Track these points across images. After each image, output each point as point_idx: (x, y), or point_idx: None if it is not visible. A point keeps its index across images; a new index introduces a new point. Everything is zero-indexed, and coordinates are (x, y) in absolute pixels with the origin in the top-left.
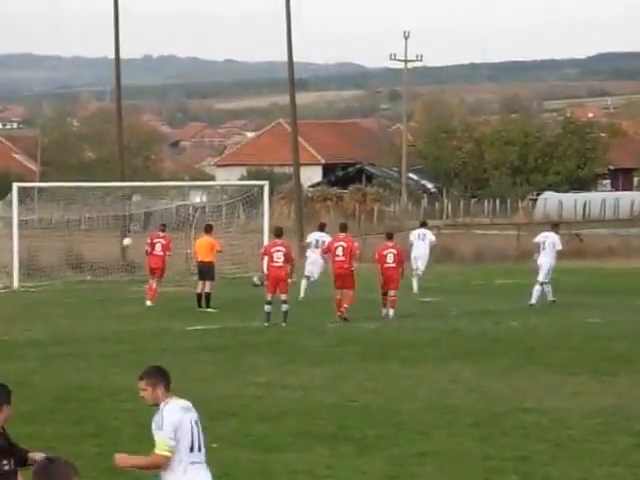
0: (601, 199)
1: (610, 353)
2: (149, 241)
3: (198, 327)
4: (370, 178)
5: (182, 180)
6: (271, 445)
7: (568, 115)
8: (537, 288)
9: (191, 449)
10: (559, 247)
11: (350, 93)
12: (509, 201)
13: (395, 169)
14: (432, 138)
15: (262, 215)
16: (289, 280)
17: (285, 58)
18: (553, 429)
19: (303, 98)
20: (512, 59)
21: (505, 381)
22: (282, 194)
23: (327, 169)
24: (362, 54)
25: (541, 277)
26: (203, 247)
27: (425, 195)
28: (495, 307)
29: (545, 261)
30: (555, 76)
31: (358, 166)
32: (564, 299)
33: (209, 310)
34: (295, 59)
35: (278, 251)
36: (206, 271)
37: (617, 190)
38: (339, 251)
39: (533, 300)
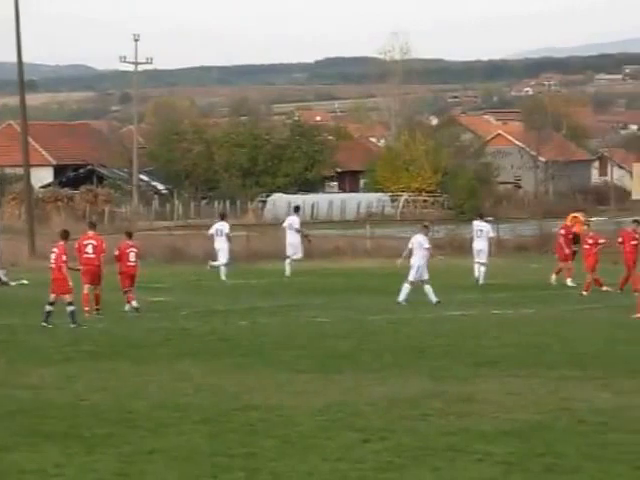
0: (328, 201)
1: (337, 351)
2: None
3: None
4: (101, 179)
5: None
6: None
7: (296, 118)
8: (405, 286)
9: None
10: (426, 245)
11: (81, 95)
12: (239, 202)
13: (126, 170)
14: (163, 140)
15: None
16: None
17: (14, 59)
18: (280, 426)
19: (33, 99)
20: (242, 63)
21: (234, 379)
22: (13, 195)
23: (58, 170)
24: (93, 56)
25: (411, 277)
26: None
27: (156, 196)
28: (224, 307)
29: (415, 261)
30: (284, 80)
31: (89, 167)
32: (293, 299)
33: None
34: (25, 60)
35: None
36: None
37: (344, 192)
38: (89, 249)
39: (400, 298)
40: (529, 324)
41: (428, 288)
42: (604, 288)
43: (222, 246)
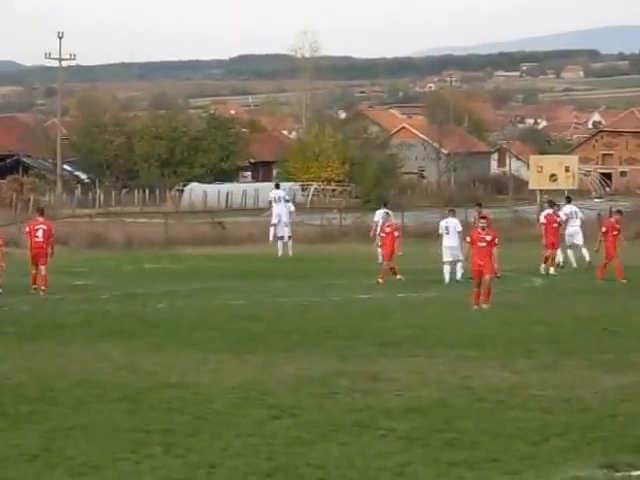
0: (242, 190)
1: (249, 332)
2: None
3: None
4: (27, 169)
5: None
6: None
7: (212, 112)
8: (446, 268)
9: None
10: (459, 229)
11: (8, 89)
12: (158, 191)
13: (50, 161)
14: (85, 132)
15: None
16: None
17: None
18: (196, 403)
19: None
20: (160, 59)
21: (152, 359)
22: None
23: None
24: (20, 52)
25: (447, 257)
26: None
27: (79, 185)
28: (143, 290)
29: (450, 242)
30: (200, 75)
31: (15, 157)
32: (208, 283)
33: None
34: None
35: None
36: None
37: (257, 182)
38: (39, 233)
39: (457, 277)
40: (431, 307)
41: (460, 267)
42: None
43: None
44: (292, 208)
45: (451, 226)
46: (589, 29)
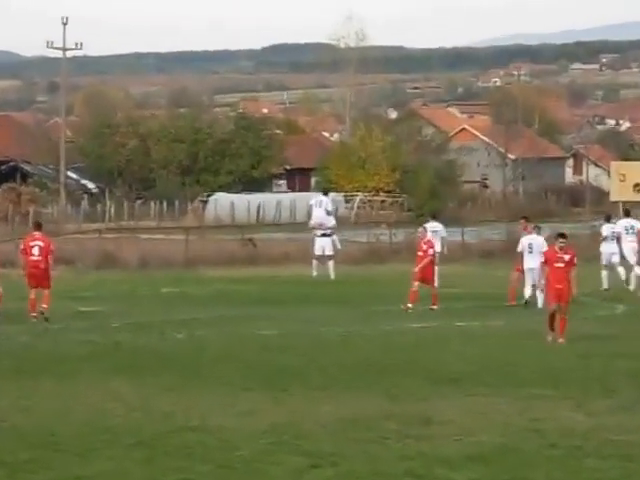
0: (276, 201)
1: (283, 367)
2: None
3: None
4: (25, 177)
5: None
6: None
7: (241, 110)
8: (528, 291)
9: None
10: (545, 248)
11: (4, 83)
12: (177, 203)
13: (53, 167)
14: (94, 134)
15: None
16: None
17: None
18: (220, 449)
19: None
20: (181, 49)
21: (170, 398)
22: None
23: None
24: (17, 41)
25: (531, 280)
26: None
27: (86, 196)
28: (161, 318)
29: (532, 263)
30: (228, 68)
31: (12, 164)
32: (236, 310)
33: None
34: None
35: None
36: None
37: (293, 191)
38: (35, 250)
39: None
40: (496, 337)
41: (540, 292)
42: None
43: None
44: (332, 222)
45: (536, 244)
46: None
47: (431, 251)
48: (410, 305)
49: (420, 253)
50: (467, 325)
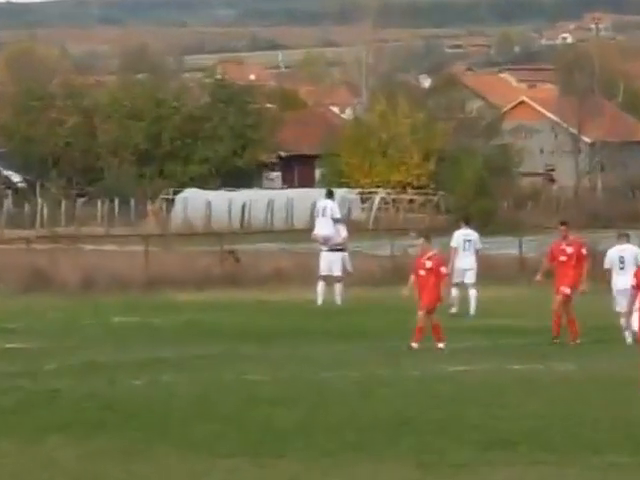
0: (268, 199)
1: (275, 425)
2: None
3: None
4: None
5: None
6: None
7: (219, 76)
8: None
9: None
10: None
11: None
12: (133, 202)
13: None
14: (20, 108)
15: None
16: None
17: None
18: None
19: None
20: None
21: (123, 466)
22: None
23: None
24: None
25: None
26: None
27: (9, 192)
28: (112, 358)
29: (624, 283)
30: (201, 19)
31: None
32: (213, 347)
33: None
34: None
35: None
36: None
37: (291, 187)
38: None
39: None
40: (565, 386)
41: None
42: None
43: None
44: (344, 233)
45: (628, 257)
46: None
47: (444, 270)
48: (415, 345)
49: (422, 272)
50: (526, 369)
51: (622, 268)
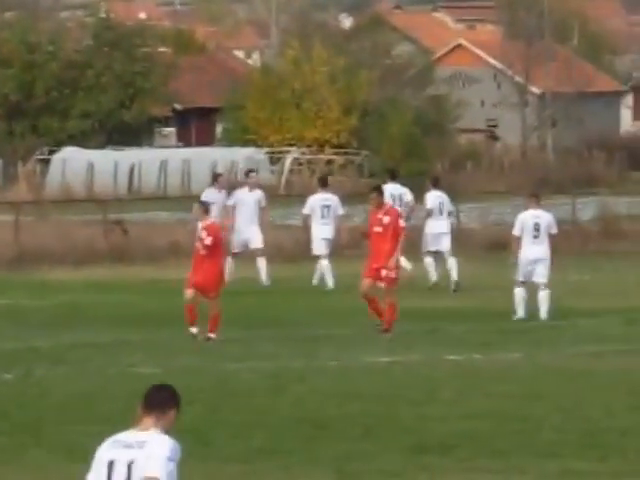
0: (160, 161)
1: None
2: None
3: None
4: None
5: None
6: None
7: (104, 15)
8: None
9: None
10: (554, 231)
11: None
12: (2, 163)
13: None
14: None
15: None
16: None
17: None
18: None
19: None
20: None
21: None
22: None
23: None
24: None
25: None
26: None
27: None
28: None
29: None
30: None
31: None
32: (96, 334)
33: None
34: None
35: None
36: None
37: (188, 145)
38: None
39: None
40: (509, 379)
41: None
42: None
43: None
44: (263, 203)
45: (544, 224)
46: None
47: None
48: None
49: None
50: (465, 359)
51: (536, 237)
